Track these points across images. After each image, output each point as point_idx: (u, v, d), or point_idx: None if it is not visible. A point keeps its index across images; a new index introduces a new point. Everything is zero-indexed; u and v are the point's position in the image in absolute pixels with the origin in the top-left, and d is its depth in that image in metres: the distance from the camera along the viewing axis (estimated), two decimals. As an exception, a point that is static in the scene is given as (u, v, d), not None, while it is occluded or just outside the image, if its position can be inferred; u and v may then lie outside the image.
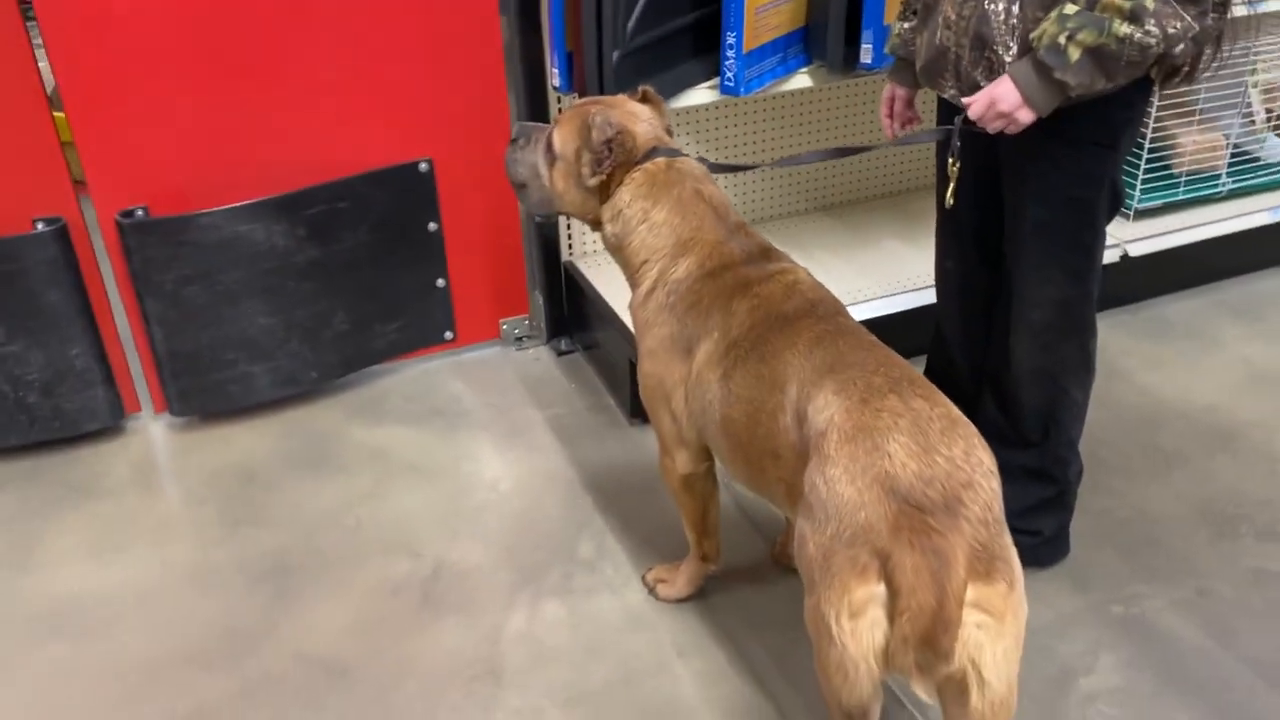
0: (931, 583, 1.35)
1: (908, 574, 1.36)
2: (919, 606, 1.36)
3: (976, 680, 1.42)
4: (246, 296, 2.62)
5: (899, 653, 1.39)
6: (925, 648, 1.37)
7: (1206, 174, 3.11)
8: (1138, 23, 1.60)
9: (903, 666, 1.40)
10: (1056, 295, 1.98)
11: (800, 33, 2.50)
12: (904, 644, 1.38)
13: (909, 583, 1.36)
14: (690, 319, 1.81)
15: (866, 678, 1.44)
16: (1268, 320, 3.06)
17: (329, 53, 2.54)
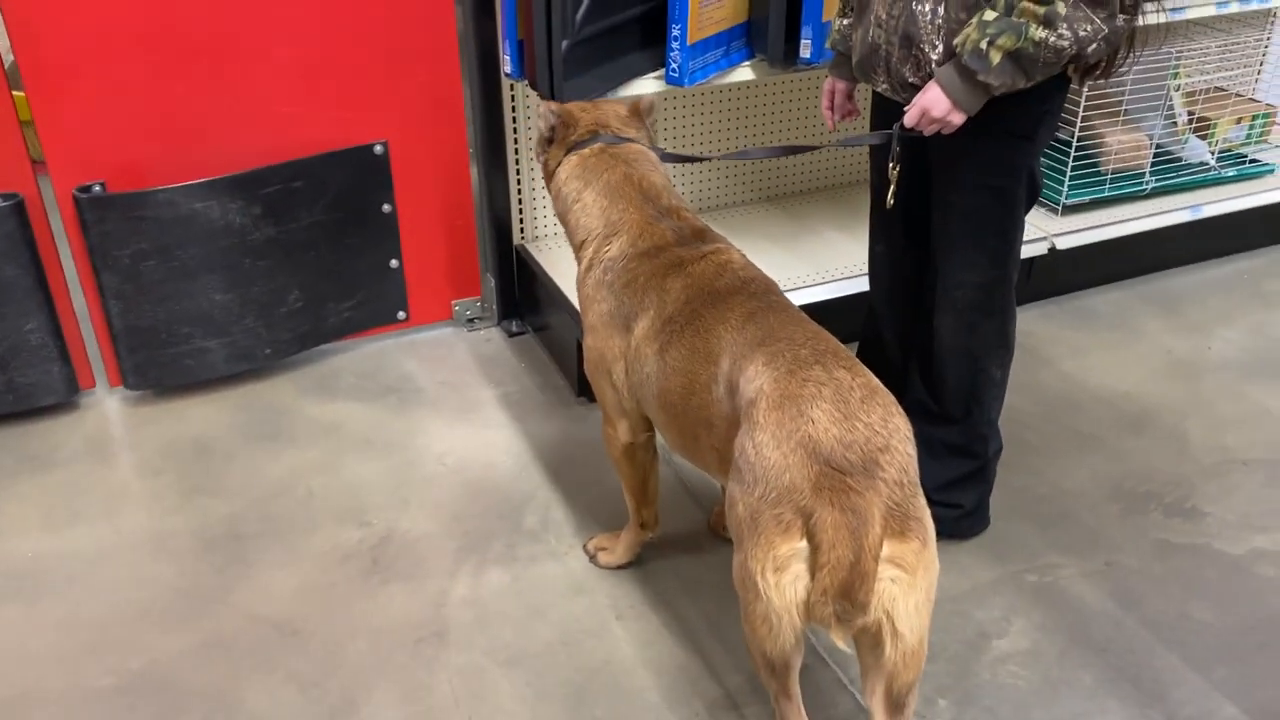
0: (850, 538, 1.45)
1: (828, 530, 1.45)
2: (838, 561, 1.45)
3: (890, 631, 1.52)
4: (203, 273, 2.67)
5: (819, 604, 1.48)
6: (843, 599, 1.46)
7: (1131, 173, 3.26)
8: (1052, 27, 1.72)
9: (823, 618, 1.49)
10: (978, 278, 2.10)
11: (743, 27, 2.60)
12: (824, 596, 1.47)
13: (829, 538, 1.45)
14: (627, 296, 1.92)
15: (789, 629, 1.53)
16: (1185, 313, 3.22)
17: (287, 34, 2.60)
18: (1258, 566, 2.29)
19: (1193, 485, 2.53)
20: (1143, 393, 2.85)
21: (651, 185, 2.02)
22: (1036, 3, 1.71)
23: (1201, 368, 2.97)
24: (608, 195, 2.00)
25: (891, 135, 1.94)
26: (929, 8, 1.82)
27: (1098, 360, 3.00)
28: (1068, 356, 3.01)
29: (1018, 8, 1.73)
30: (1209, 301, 3.28)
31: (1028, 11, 1.72)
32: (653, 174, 2.04)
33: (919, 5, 1.83)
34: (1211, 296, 3.31)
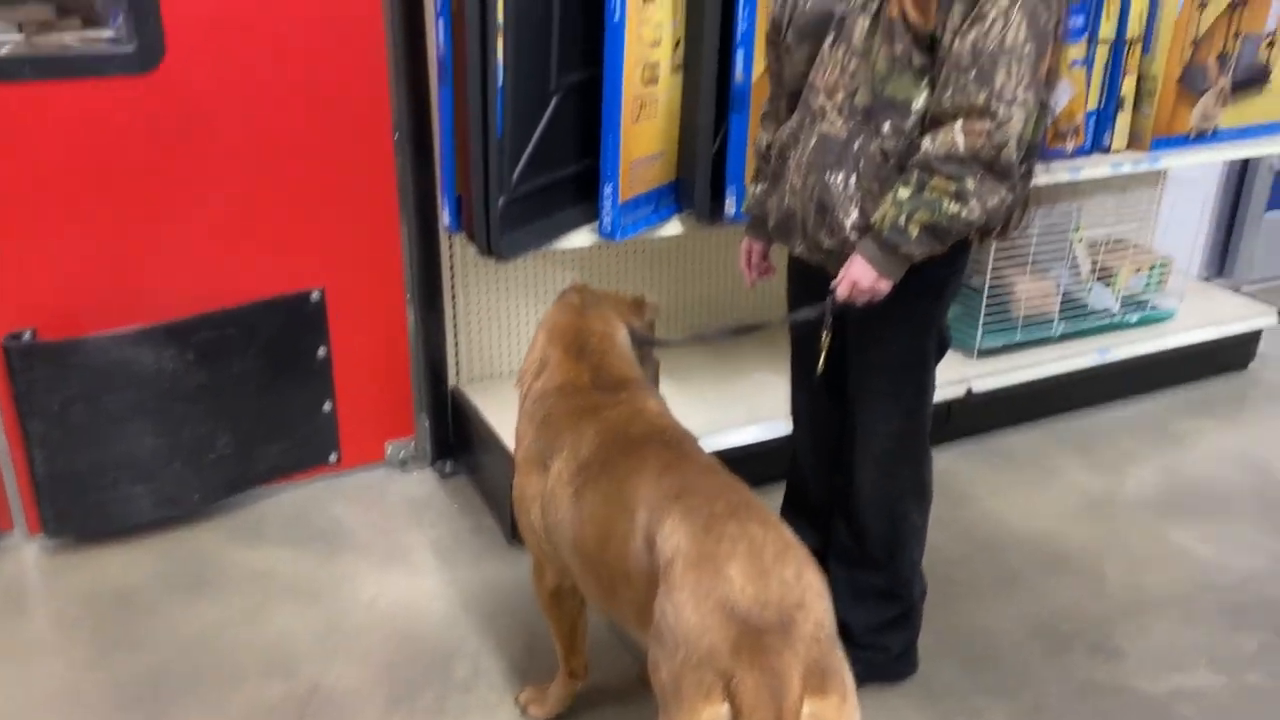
0: (770, 700, 1.45)
1: (749, 693, 1.46)
2: None
3: None
4: (132, 418, 2.66)
5: None
6: None
7: (1041, 318, 3.42)
8: (963, 201, 1.85)
9: None
10: (894, 428, 2.19)
11: (672, 185, 2.73)
12: None
13: (750, 701, 1.46)
14: (545, 434, 1.98)
15: None
16: (1099, 453, 3.35)
17: (224, 182, 2.66)
18: (1177, 706, 2.34)
19: (1113, 624, 2.59)
20: (1061, 532, 2.94)
21: (591, 332, 2.10)
22: (947, 179, 1.84)
23: (1116, 506, 3.08)
24: (550, 334, 2.11)
25: (825, 308, 2.03)
26: (841, 178, 1.95)
27: (1017, 499, 3.09)
28: (988, 496, 3.10)
29: (929, 185, 1.85)
30: (1120, 441, 3.42)
31: (939, 188, 1.85)
32: (599, 325, 2.12)
33: (831, 176, 1.96)
34: (1122, 436, 3.45)
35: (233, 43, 2.55)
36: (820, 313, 2.04)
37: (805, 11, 1.97)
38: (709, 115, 2.58)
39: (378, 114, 2.75)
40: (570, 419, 1.96)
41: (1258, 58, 3.39)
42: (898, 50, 1.85)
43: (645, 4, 2.41)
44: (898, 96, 1.89)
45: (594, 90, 2.48)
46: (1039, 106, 1.87)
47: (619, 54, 2.38)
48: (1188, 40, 3.22)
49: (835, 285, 1.98)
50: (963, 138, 1.81)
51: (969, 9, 1.79)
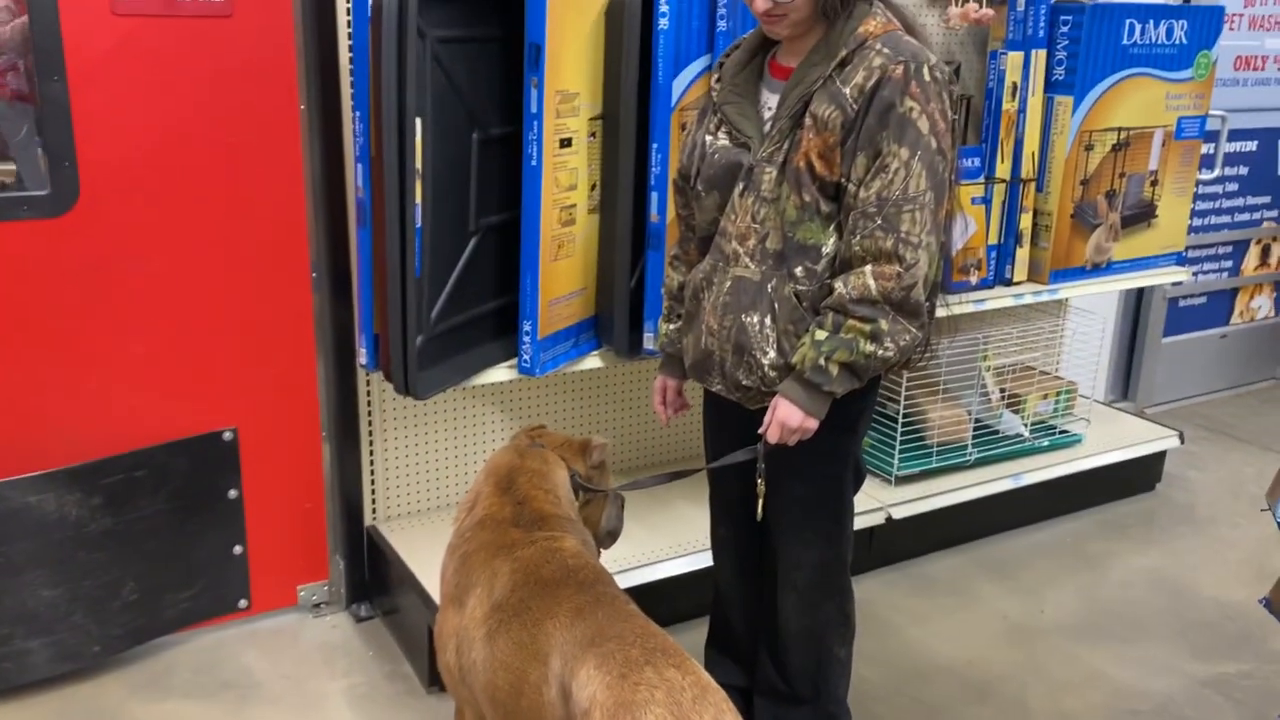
0: None
1: None
2: None
3: None
4: (30, 568, 2.55)
5: None
6: None
7: (955, 444, 3.50)
8: (878, 342, 1.91)
9: None
10: (815, 559, 2.20)
11: (591, 321, 2.76)
12: None
13: None
14: (463, 570, 1.97)
15: None
16: (1017, 577, 3.39)
17: (137, 323, 2.62)
18: (1106, 838, 2.33)
19: (1038, 754, 2.59)
20: (984, 659, 2.95)
21: (523, 470, 2.11)
22: (862, 320, 1.90)
23: (1036, 631, 3.11)
24: (486, 472, 2.14)
25: (758, 451, 2.06)
26: (757, 319, 2.00)
27: (939, 627, 3.10)
28: (911, 624, 3.11)
29: (845, 325, 1.91)
30: (1038, 564, 3.47)
31: (855, 329, 1.90)
32: (534, 464, 2.13)
33: (748, 317, 2.01)
34: (1040, 560, 3.50)
35: (148, 185, 2.55)
36: (751, 456, 2.07)
37: (714, 162, 2.05)
38: (625, 254, 2.64)
39: (296, 254, 2.76)
40: (485, 555, 1.95)
41: (1143, 195, 3.61)
42: (806, 198, 1.93)
43: (561, 149, 2.48)
44: (808, 241, 1.96)
45: (512, 231, 2.52)
46: (940, 248, 1.96)
47: (536, 197, 2.44)
48: (1077, 179, 3.42)
49: (763, 430, 2.01)
50: (874, 281, 1.88)
51: (871, 161, 1.88)
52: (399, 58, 2.22)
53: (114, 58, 2.45)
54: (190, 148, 2.58)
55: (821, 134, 1.89)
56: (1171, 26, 3.45)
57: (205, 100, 2.58)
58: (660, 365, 2.33)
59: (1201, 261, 4.78)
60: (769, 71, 2.05)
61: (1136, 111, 3.48)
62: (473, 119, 2.46)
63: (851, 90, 1.87)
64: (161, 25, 2.48)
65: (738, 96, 2.04)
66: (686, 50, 2.59)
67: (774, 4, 1.88)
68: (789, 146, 1.93)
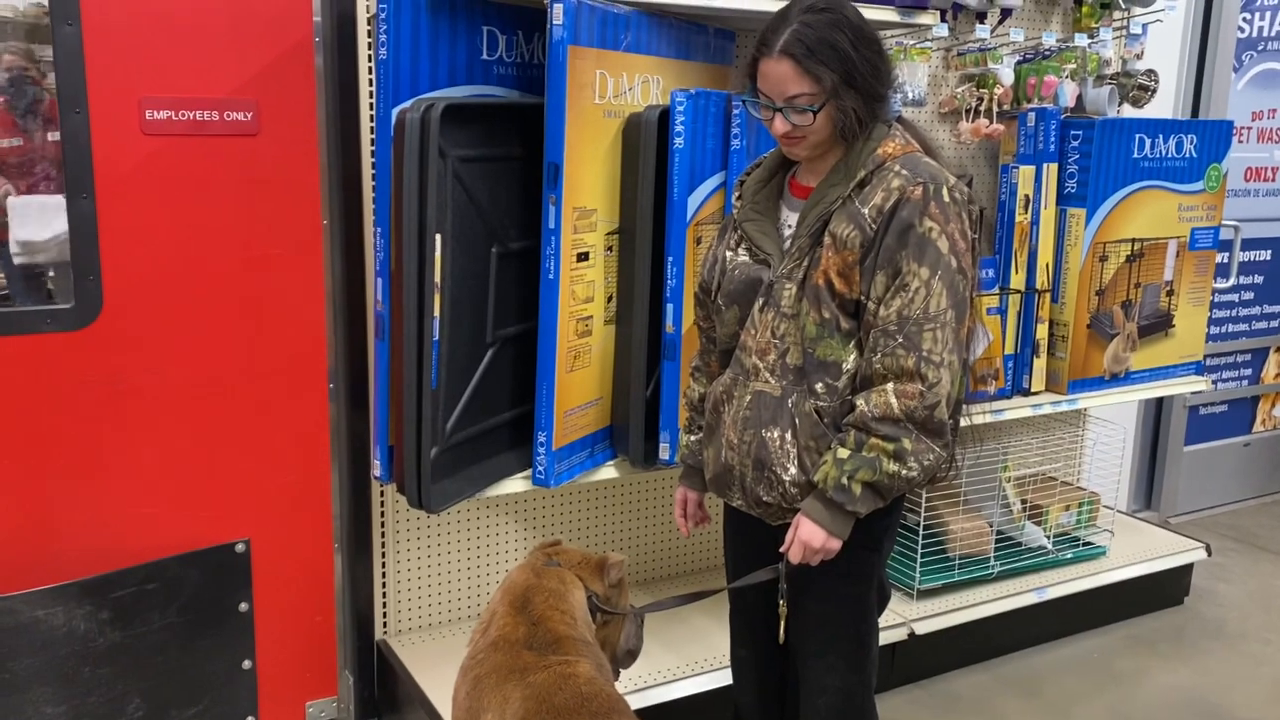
0: None
1: None
2: None
3: None
4: (35, 685, 2.49)
5: None
6: None
7: (977, 557, 3.44)
8: (902, 461, 1.89)
9: None
10: (839, 683, 2.13)
11: (606, 431, 2.75)
12: None
13: None
14: (476, 691, 1.91)
15: None
16: (1044, 695, 3.29)
17: (153, 433, 2.62)
18: None
19: None
20: (1013, 784, 2.84)
21: (540, 589, 2.07)
22: (885, 440, 1.87)
23: (1066, 754, 3.00)
24: (502, 591, 2.08)
25: (779, 571, 2.03)
26: (777, 434, 1.98)
27: (967, 749, 3.00)
28: (937, 746, 3.01)
29: (867, 444, 1.89)
30: (1065, 682, 3.37)
31: (878, 448, 1.88)
32: (551, 584, 2.09)
33: (768, 432, 1.99)
34: (1067, 676, 3.40)
35: (171, 297, 2.58)
36: (773, 576, 2.03)
37: (734, 277, 2.06)
38: (641, 364, 2.64)
39: (314, 365, 2.77)
40: (498, 679, 1.90)
41: (1159, 305, 3.61)
42: (825, 315, 1.93)
43: (579, 263, 2.50)
44: (828, 358, 1.95)
45: (529, 342, 2.53)
46: (962, 365, 1.95)
47: (554, 309, 2.45)
48: (1092, 290, 3.42)
49: (785, 550, 1.98)
50: (896, 400, 1.86)
51: (891, 280, 1.88)
52: (420, 176, 2.25)
53: (142, 175, 2.50)
54: (214, 260, 2.62)
55: (840, 253, 1.90)
56: (1181, 140, 3.50)
57: (230, 214, 2.62)
58: (681, 476, 2.31)
59: (1221, 369, 4.77)
60: (789, 190, 2.07)
61: (1150, 223, 3.50)
62: (491, 234, 2.49)
63: (870, 210, 1.89)
64: (190, 144, 2.54)
65: (758, 214, 2.06)
66: (701, 167, 2.63)
67: (793, 126, 1.91)
68: (808, 264, 1.94)
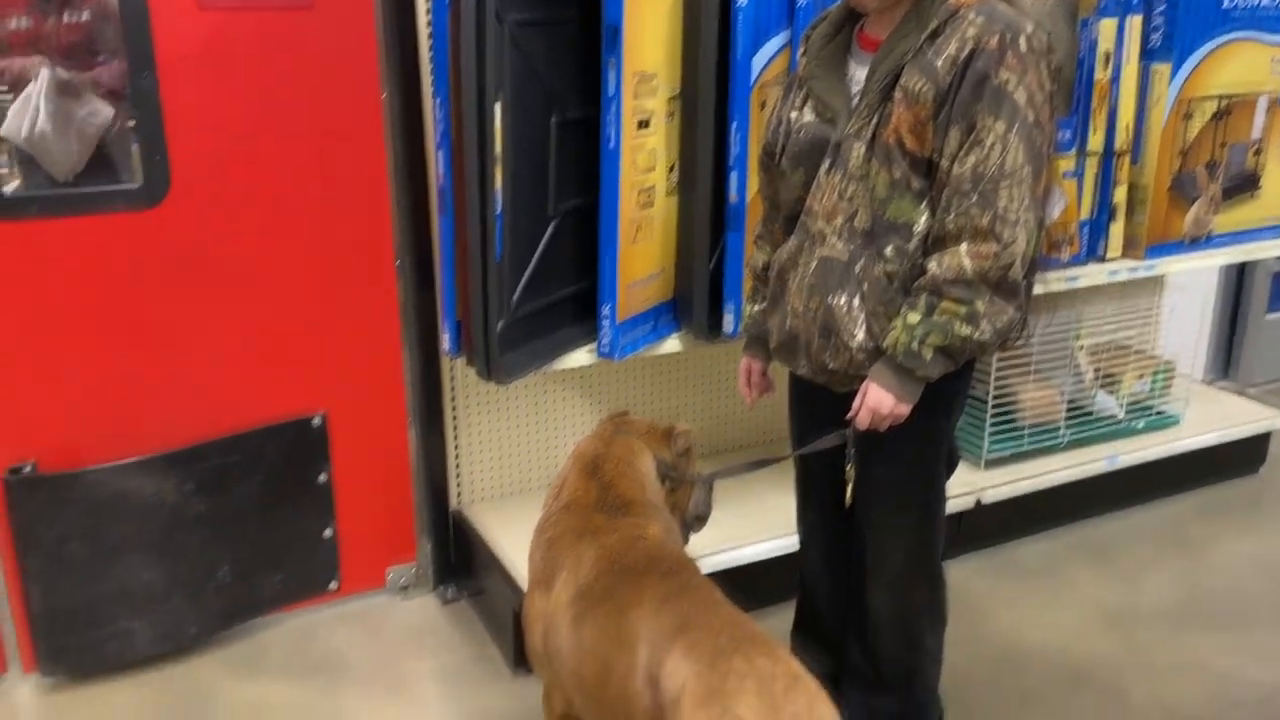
0: None
1: None
2: None
3: None
4: (130, 551, 2.62)
5: None
6: None
7: (1047, 426, 3.40)
8: (974, 324, 1.85)
9: None
10: (906, 547, 2.15)
11: (670, 304, 2.74)
12: None
13: None
14: (549, 554, 1.96)
15: None
16: (1114, 562, 3.29)
17: (228, 310, 2.68)
18: (1211, 832, 2.25)
19: (1138, 745, 2.51)
20: (1080, 647, 2.86)
21: (607, 457, 2.11)
22: (957, 303, 1.84)
23: (1134, 618, 3.01)
24: (573, 459, 2.14)
25: (845, 435, 2.02)
26: (844, 300, 1.95)
27: (1033, 614, 3.02)
28: (1003, 610, 3.03)
29: (939, 307, 1.85)
30: (1135, 549, 3.36)
31: (949, 310, 1.85)
32: (619, 451, 2.12)
33: (834, 299, 1.96)
34: (1137, 544, 3.39)
35: (236, 175, 2.60)
36: (840, 442, 2.03)
37: (799, 139, 2.00)
38: (705, 235, 2.61)
39: (380, 241, 2.78)
40: (570, 539, 1.95)
41: (1246, 164, 3.45)
42: (896, 174, 1.88)
43: (639, 131, 2.46)
44: (898, 219, 1.90)
45: (591, 214, 2.51)
46: (1038, 225, 1.89)
47: (615, 180, 2.41)
48: (1175, 150, 3.28)
49: (852, 415, 1.97)
50: (970, 260, 1.82)
51: (965, 135, 1.81)
52: (478, 42, 2.21)
53: (201, 51, 2.49)
54: (275, 137, 2.62)
55: (912, 108, 1.83)
56: (1276, -13, 3.29)
57: (289, 91, 2.61)
58: (745, 346, 2.30)
59: (1308, 233, 4.57)
60: (857, 44, 1.99)
61: (1239, 77, 3.32)
62: (551, 102, 2.45)
63: (944, 62, 1.81)
64: (245, 18, 2.52)
65: (824, 71, 1.99)
66: (766, 26, 2.54)
67: (861, -26, 1.83)
68: (878, 121, 1.88)
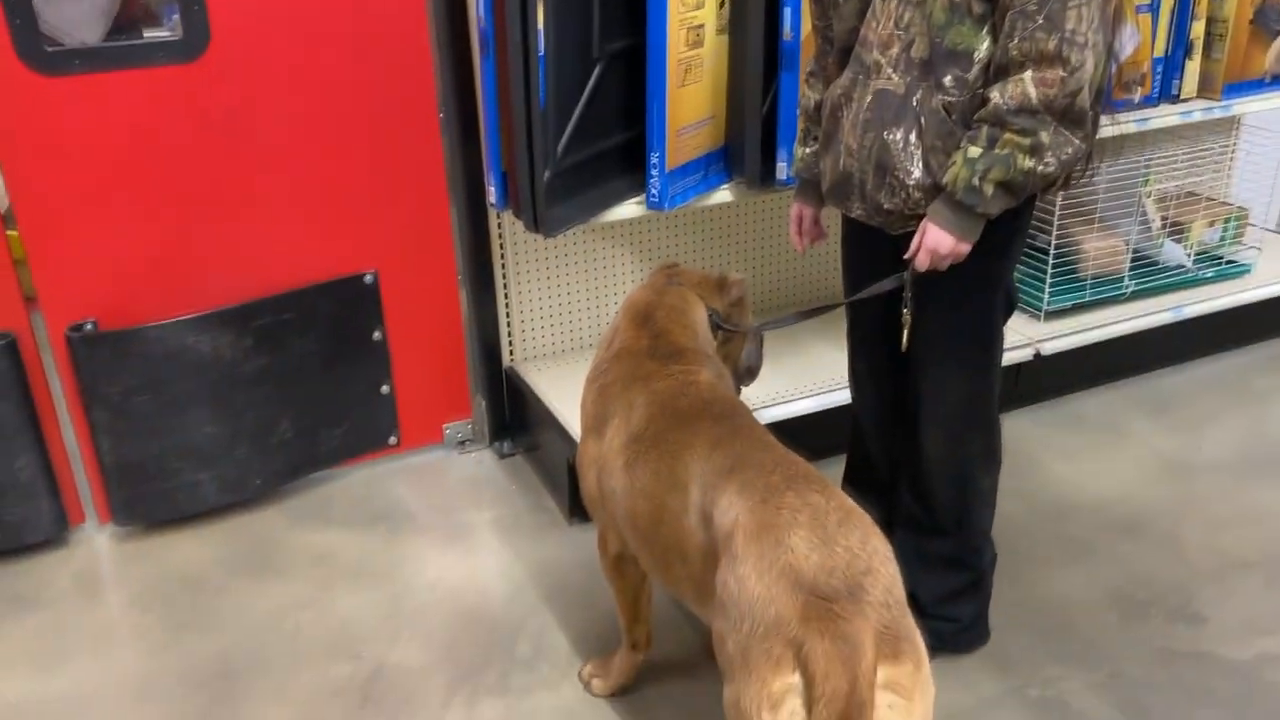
0: (843, 668, 1.41)
1: (820, 661, 1.41)
2: (834, 692, 1.40)
3: None
4: (193, 406, 2.69)
5: None
6: None
7: (1110, 277, 3.31)
8: (1038, 156, 1.77)
9: None
10: (960, 391, 2.12)
11: (720, 151, 2.67)
12: None
13: (822, 670, 1.41)
14: (601, 400, 1.97)
15: None
16: (1175, 413, 3.23)
17: (278, 172, 2.66)
18: (1266, 672, 2.25)
19: (1192, 590, 2.50)
20: (1136, 496, 2.84)
21: (659, 306, 2.09)
22: (1020, 134, 1.76)
23: (1194, 468, 2.97)
24: (624, 308, 2.12)
25: (904, 280, 1.97)
26: (901, 135, 1.88)
27: (1089, 464, 2.99)
28: (1059, 461, 3.01)
29: (1001, 140, 1.77)
30: (1198, 401, 3.30)
31: (1013, 143, 1.77)
32: (672, 300, 2.10)
33: (890, 135, 1.88)
34: (1200, 395, 3.33)
35: (276, 28, 2.54)
36: (897, 285, 1.98)
37: (854, -37, 1.90)
38: (757, 76, 2.52)
39: (422, 92, 2.73)
40: (622, 385, 1.95)
41: (1336, -5, 3.23)
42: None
43: (688, -34, 2.36)
44: (958, 47, 1.81)
45: (638, 57, 2.43)
46: (1107, 50, 1.79)
47: (662, 18, 2.32)
48: (1260, -21, 3.08)
49: (911, 256, 1.91)
50: (1035, 88, 1.73)
51: (1030, -48, 1.70)
52: (516, -128, 2.11)
53: (232, -106, 2.42)
54: (314, -13, 2.56)
55: (973, -78, 1.72)
56: None
57: (324, -65, 2.53)
58: (796, 191, 2.23)
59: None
60: None
61: (1333, -104, 3.08)
62: (594, -63, 2.35)
63: None
64: None
65: (880, -114, 1.87)
66: None
67: None
68: (937, -61, 1.77)
